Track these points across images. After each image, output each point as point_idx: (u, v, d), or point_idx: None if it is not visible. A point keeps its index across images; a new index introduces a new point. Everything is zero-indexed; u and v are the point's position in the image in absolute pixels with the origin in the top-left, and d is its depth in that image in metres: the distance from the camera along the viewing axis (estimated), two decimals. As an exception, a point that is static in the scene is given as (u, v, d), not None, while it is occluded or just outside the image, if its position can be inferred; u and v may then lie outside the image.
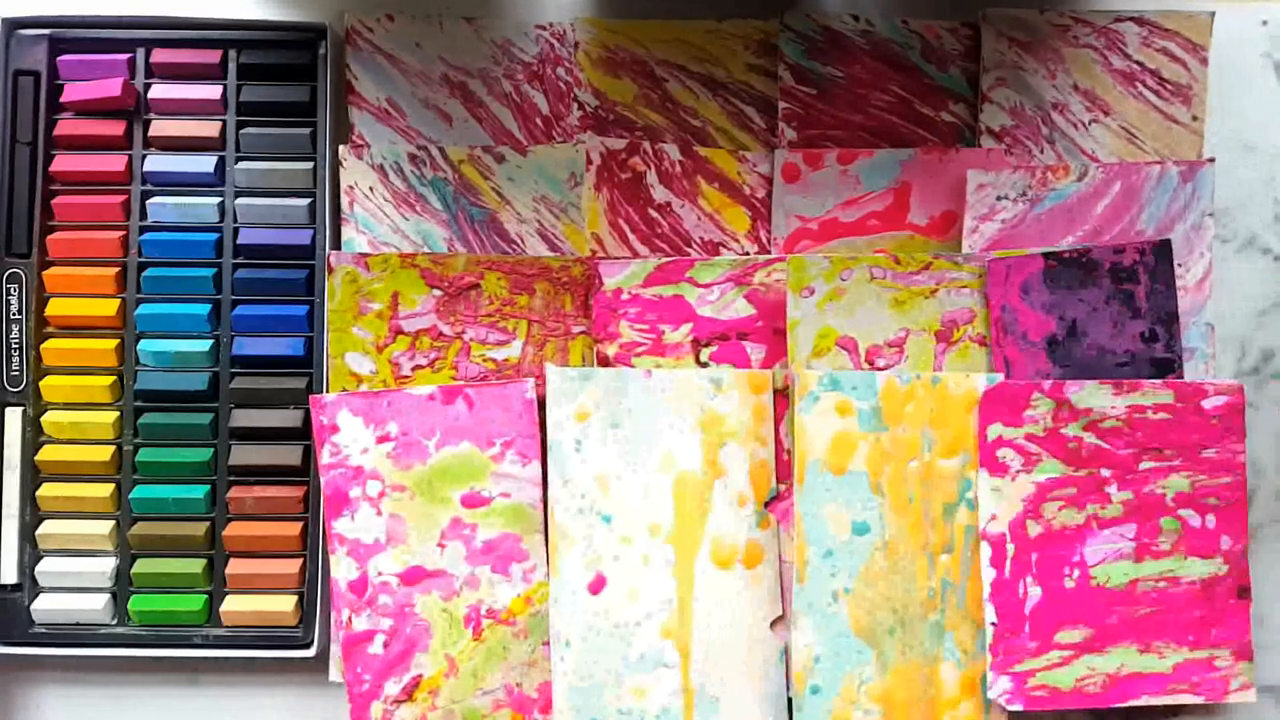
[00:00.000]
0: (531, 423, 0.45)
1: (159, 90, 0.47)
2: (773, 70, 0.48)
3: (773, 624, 0.45)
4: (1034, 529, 0.44)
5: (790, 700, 0.44)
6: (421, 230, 0.47)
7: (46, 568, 0.46)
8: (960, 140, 0.48)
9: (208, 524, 0.47)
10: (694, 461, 0.45)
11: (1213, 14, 0.47)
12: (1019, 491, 0.44)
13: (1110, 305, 0.45)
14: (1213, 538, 0.45)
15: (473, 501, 0.45)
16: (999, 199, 0.46)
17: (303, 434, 0.46)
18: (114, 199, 0.47)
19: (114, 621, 0.47)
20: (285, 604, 0.46)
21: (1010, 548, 0.44)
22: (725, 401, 0.45)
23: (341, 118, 0.48)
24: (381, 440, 0.45)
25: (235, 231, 0.47)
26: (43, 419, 0.47)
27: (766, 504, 0.45)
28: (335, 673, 0.46)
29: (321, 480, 0.45)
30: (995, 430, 0.44)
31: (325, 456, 0.45)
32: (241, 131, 0.47)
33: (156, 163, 0.47)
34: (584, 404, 0.45)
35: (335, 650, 0.46)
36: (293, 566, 0.46)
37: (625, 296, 0.46)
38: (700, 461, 0.45)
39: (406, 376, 0.46)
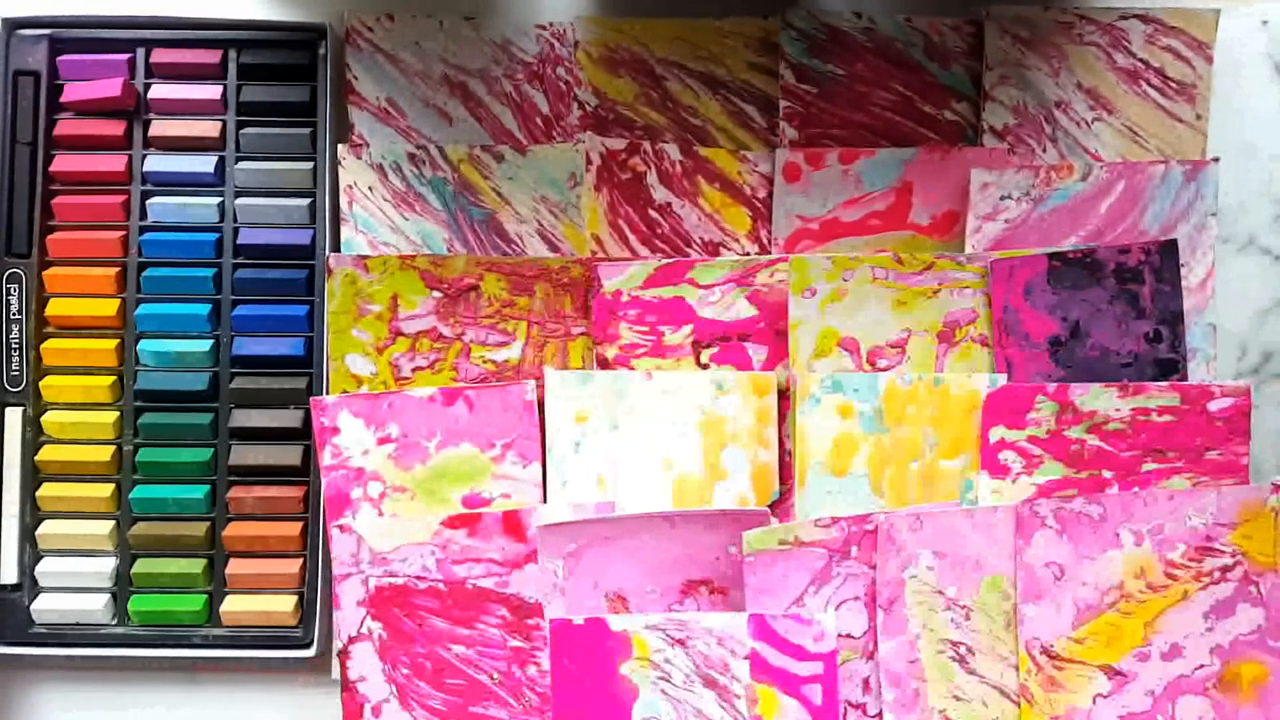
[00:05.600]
0: (531, 424, 0.45)
1: (159, 90, 0.47)
2: (774, 69, 0.48)
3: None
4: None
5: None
6: (421, 230, 0.47)
7: (46, 568, 0.46)
8: (963, 139, 0.48)
9: (208, 524, 0.46)
10: (694, 464, 0.45)
11: (1218, 11, 0.47)
12: (1019, 493, 0.44)
13: (1114, 305, 0.45)
14: (1215, 539, 0.44)
15: (473, 502, 0.45)
16: (1003, 198, 0.46)
17: (303, 434, 0.46)
18: (114, 199, 0.47)
19: (114, 621, 0.47)
20: (285, 604, 0.46)
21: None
22: (727, 404, 0.45)
23: (341, 118, 0.48)
24: (382, 441, 0.45)
25: (235, 231, 0.47)
26: (43, 419, 0.47)
27: (769, 506, 0.45)
28: (335, 672, 0.46)
29: (323, 481, 0.45)
30: (997, 433, 0.44)
31: (326, 458, 0.45)
32: (241, 131, 0.47)
33: (156, 163, 0.47)
34: (583, 406, 0.45)
35: (335, 649, 0.46)
36: (293, 566, 0.46)
37: (625, 298, 0.46)
38: (700, 464, 0.45)
39: (406, 378, 0.46)
